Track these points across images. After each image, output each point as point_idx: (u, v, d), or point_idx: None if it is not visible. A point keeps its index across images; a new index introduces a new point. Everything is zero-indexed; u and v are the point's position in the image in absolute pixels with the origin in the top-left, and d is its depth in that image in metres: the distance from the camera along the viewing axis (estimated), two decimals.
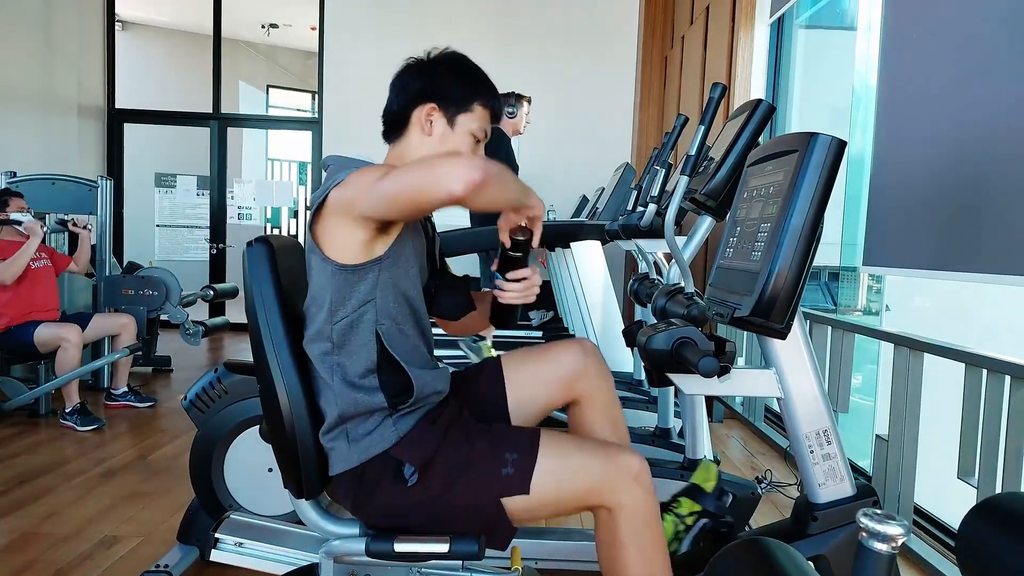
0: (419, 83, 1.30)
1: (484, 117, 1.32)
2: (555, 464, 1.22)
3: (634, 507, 1.20)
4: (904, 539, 0.54)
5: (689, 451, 1.98)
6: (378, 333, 1.22)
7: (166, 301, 4.12)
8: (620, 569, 1.21)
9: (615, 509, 1.20)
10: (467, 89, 1.30)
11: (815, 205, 1.08)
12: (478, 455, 1.23)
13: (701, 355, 1.07)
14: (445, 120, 1.29)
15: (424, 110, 1.29)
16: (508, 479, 1.20)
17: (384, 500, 1.22)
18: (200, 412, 1.99)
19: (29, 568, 1.93)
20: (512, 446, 1.23)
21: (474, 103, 1.30)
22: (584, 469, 1.22)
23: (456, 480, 1.21)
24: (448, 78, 1.30)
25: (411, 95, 1.30)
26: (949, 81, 1.86)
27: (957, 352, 1.93)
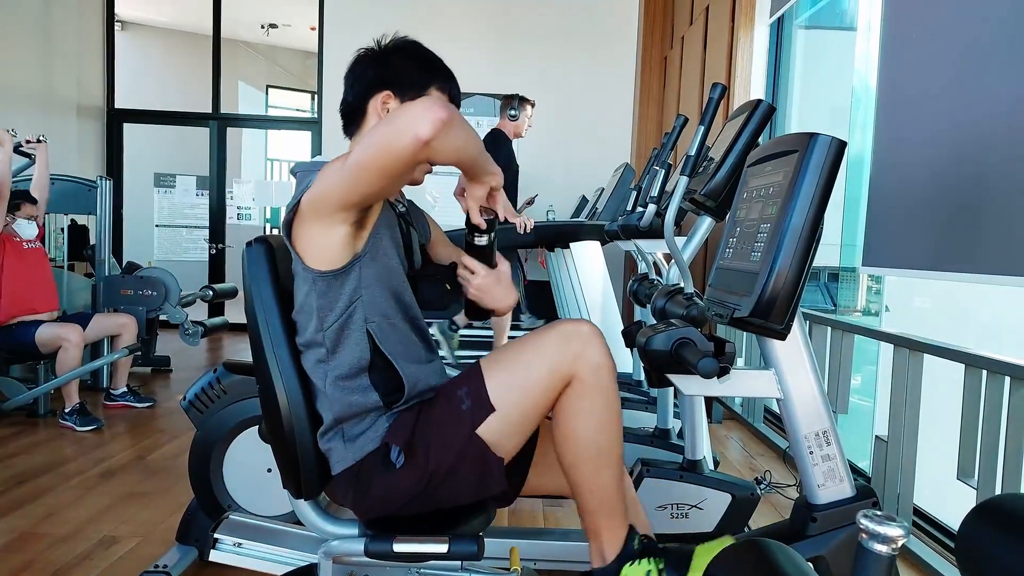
0: (373, 72, 1.29)
1: (440, 95, 1.32)
2: (506, 370, 1.23)
3: (588, 369, 1.20)
4: (904, 540, 0.54)
5: (688, 452, 1.97)
6: (369, 332, 1.22)
7: (165, 301, 4.11)
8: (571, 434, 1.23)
9: (573, 379, 1.21)
10: (423, 75, 1.29)
11: (815, 205, 1.08)
12: (440, 412, 1.23)
13: (700, 356, 1.07)
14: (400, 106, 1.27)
15: (380, 98, 1.28)
16: (470, 410, 1.20)
17: (379, 491, 1.22)
18: (199, 412, 1.99)
19: (28, 568, 1.93)
20: (460, 383, 1.25)
21: (430, 87, 1.30)
22: (534, 355, 1.22)
23: (432, 443, 1.21)
24: (403, 65, 1.29)
25: (365, 85, 1.29)
26: (949, 81, 1.86)
27: (957, 353, 1.93)
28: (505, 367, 1.24)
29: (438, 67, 1.32)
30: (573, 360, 1.21)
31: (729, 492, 1.90)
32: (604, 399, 1.23)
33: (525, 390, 1.22)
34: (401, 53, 1.31)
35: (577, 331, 1.23)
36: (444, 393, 1.27)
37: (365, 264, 1.21)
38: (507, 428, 1.22)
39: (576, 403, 1.22)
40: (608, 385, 1.24)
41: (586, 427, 1.23)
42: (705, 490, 1.90)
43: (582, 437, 1.23)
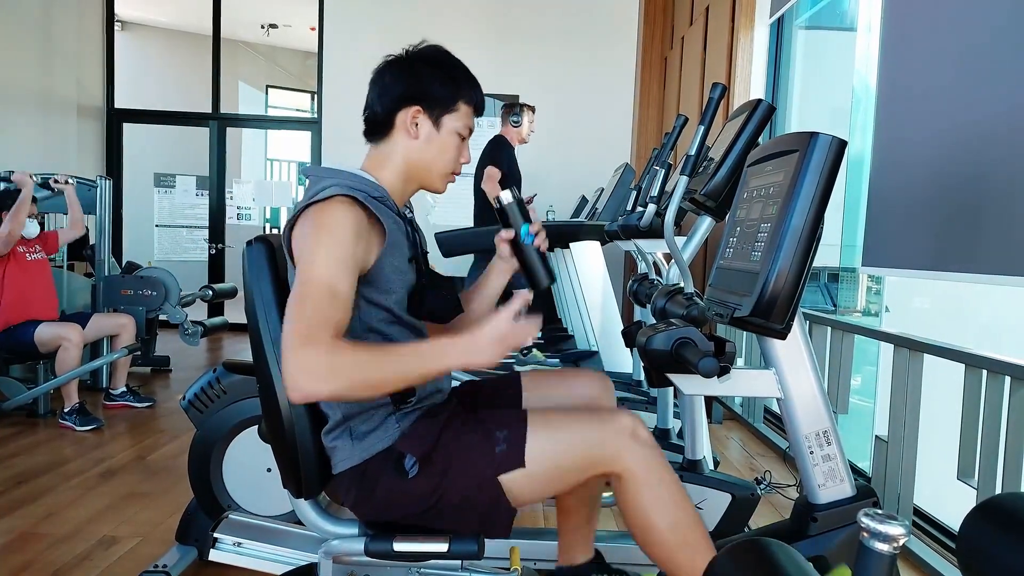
0: (402, 85, 1.28)
1: (468, 114, 1.32)
2: (548, 435, 1.22)
3: (640, 466, 1.19)
4: (905, 539, 0.54)
5: (688, 452, 1.97)
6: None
7: (165, 301, 4.12)
8: (649, 528, 1.21)
9: (623, 474, 1.20)
10: (451, 88, 1.29)
11: (815, 205, 1.08)
12: (472, 440, 1.23)
13: (701, 355, 1.07)
14: (431, 122, 1.29)
15: (409, 113, 1.28)
16: (502, 455, 1.20)
17: (385, 494, 1.21)
18: (199, 412, 1.99)
19: (27, 568, 1.92)
20: (502, 424, 1.24)
21: (458, 101, 1.30)
22: (577, 435, 1.22)
23: (453, 466, 1.21)
24: (431, 78, 1.28)
25: (395, 98, 1.28)
26: (948, 81, 1.86)
27: (957, 353, 1.92)
28: (550, 431, 1.23)
29: (465, 78, 1.32)
30: (614, 454, 1.20)
31: (729, 492, 1.90)
32: (667, 488, 1.21)
33: (558, 461, 1.21)
34: (429, 64, 1.30)
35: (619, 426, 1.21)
36: (483, 424, 1.26)
37: (362, 285, 1.19)
38: (528, 486, 1.22)
39: (640, 498, 1.20)
40: (665, 475, 1.22)
41: (662, 519, 1.20)
42: (705, 490, 1.90)
43: (664, 529, 1.20)
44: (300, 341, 1.01)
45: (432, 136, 1.29)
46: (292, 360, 1.00)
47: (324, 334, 1.02)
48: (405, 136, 1.29)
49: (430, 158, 1.30)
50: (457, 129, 1.30)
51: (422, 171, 1.31)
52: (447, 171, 1.33)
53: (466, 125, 1.31)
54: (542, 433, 1.22)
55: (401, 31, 6.10)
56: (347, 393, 1.05)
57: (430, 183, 1.34)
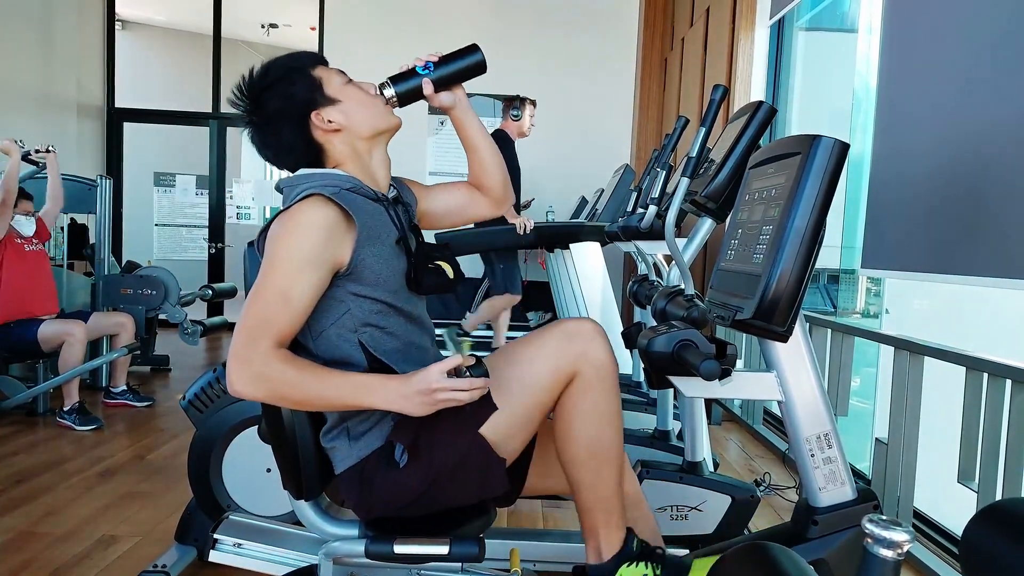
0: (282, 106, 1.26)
1: (329, 71, 1.30)
2: (507, 370, 1.23)
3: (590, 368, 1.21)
4: (910, 545, 0.54)
5: (688, 453, 1.97)
6: (360, 342, 1.21)
7: (165, 300, 4.11)
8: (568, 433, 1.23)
9: (575, 377, 1.21)
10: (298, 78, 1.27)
11: (817, 208, 1.08)
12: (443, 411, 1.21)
13: (702, 358, 1.07)
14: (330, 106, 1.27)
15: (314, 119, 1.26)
16: (473, 409, 1.19)
17: (384, 490, 1.21)
18: (199, 412, 1.99)
19: (27, 567, 1.92)
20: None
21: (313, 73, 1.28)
22: (538, 354, 1.23)
23: (436, 442, 1.20)
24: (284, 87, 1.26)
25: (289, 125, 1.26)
26: (948, 84, 1.86)
27: (958, 356, 1.92)
28: (508, 365, 1.24)
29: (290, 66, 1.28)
30: (575, 358, 1.21)
31: (729, 494, 1.90)
32: (606, 397, 1.24)
33: (527, 388, 1.22)
34: (266, 88, 1.27)
35: (580, 329, 1.23)
36: None
37: (347, 282, 1.19)
38: (510, 426, 1.22)
39: (578, 400, 1.22)
40: (610, 383, 1.24)
41: (586, 424, 1.23)
42: (705, 492, 1.90)
43: (583, 434, 1.23)
44: (242, 342, 1.08)
45: (346, 112, 1.27)
46: (231, 358, 1.08)
47: (264, 341, 1.09)
48: (331, 133, 1.27)
49: (359, 125, 1.28)
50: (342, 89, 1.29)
51: (366, 130, 1.29)
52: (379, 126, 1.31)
53: (340, 78, 1.30)
54: (500, 370, 1.22)
55: (401, 32, 6.13)
56: (272, 400, 1.13)
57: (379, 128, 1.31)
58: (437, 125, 5.91)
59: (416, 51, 1.36)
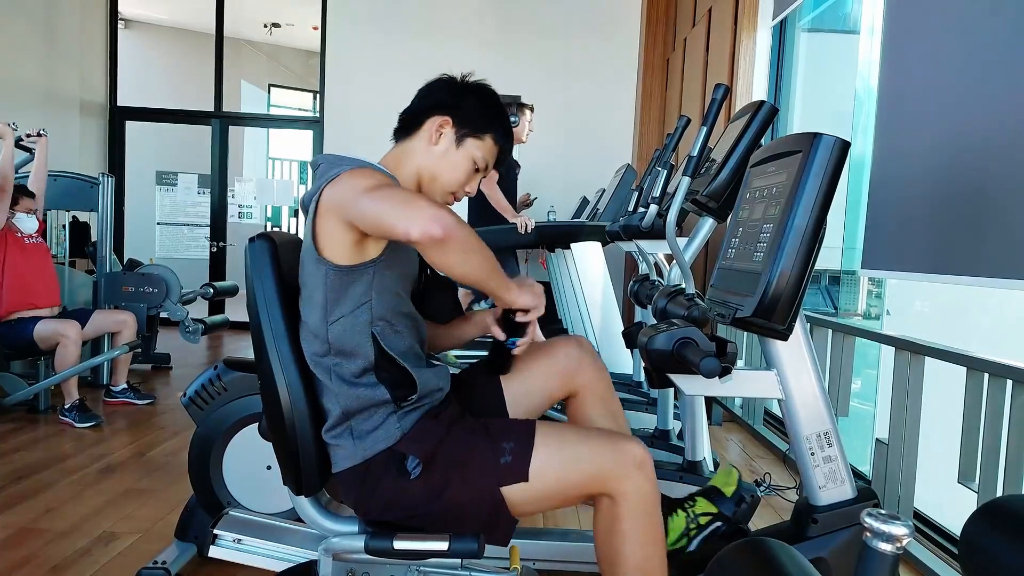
0: (444, 94, 1.32)
1: (492, 151, 1.34)
2: (554, 451, 1.22)
3: (637, 496, 1.19)
4: (908, 540, 0.54)
5: (689, 453, 1.98)
6: (373, 334, 1.22)
7: (166, 298, 4.11)
8: (617, 557, 1.21)
9: (617, 497, 1.20)
10: (487, 118, 1.32)
11: (818, 206, 1.08)
12: (477, 448, 1.23)
13: (702, 356, 1.07)
14: (455, 136, 1.31)
15: (438, 120, 1.30)
16: (506, 467, 1.20)
17: (387, 495, 1.21)
18: (199, 409, 1.99)
19: (27, 563, 1.92)
20: (509, 436, 1.24)
21: (488, 133, 1.32)
22: (585, 456, 1.22)
23: (456, 473, 1.21)
24: (473, 102, 1.32)
25: (432, 102, 1.32)
26: (949, 85, 1.86)
27: (958, 356, 1.92)
28: (557, 448, 1.23)
29: (501, 119, 1.35)
30: (619, 479, 1.20)
31: (748, 497, 1.89)
32: (651, 527, 1.22)
33: (562, 479, 1.22)
34: (477, 92, 1.34)
35: (631, 453, 1.22)
36: (490, 432, 1.26)
37: (380, 270, 1.21)
38: (528, 500, 1.22)
39: (621, 526, 1.20)
40: (655, 513, 1.23)
41: (633, 554, 1.20)
42: None
43: (629, 563, 1.21)
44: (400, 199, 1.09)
45: (450, 151, 1.31)
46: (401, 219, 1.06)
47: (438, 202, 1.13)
48: (426, 140, 1.31)
49: (440, 170, 1.32)
50: (475, 156, 1.32)
51: (428, 180, 1.33)
52: (449, 189, 1.34)
53: (484, 157, 1.33)
54: (549, 448, 1.22)
55: (403, 32, 6.13)
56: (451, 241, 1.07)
57: (430, 195, 1.34)
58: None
59: (417, 51, 1.38)
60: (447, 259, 1.09)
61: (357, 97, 5.92)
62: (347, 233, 1.17)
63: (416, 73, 1.52)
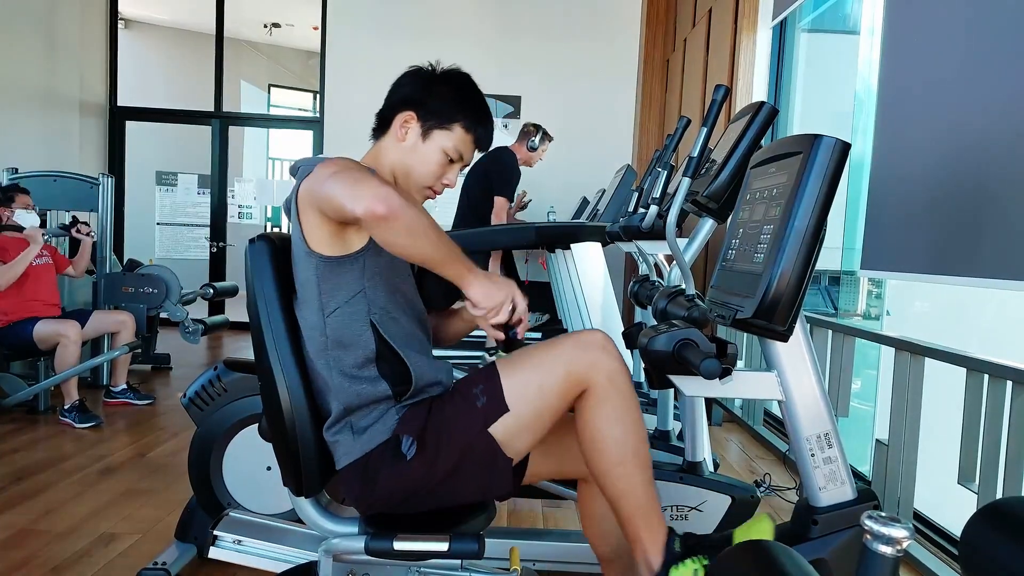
0: (408, 89, 1.33)
1: (463, 140, 1.33)
2: (520, 373, 1.24)
3: (606, 376, 1.22)
4: (909, 542, 0.54)
5: (689, 453, 1.97)
6: (372, 323, 1.23)
7: (166, 299, 4.11)
8: (596, 435, 1.23)
9: (591, 386, 1.22)
10: (452, 107, 1.32)
11: (819, 207, 1.08)
12: (454, 406, 1.25)
13: (703, 357, 1.07)
14: (420, 130, 1.31)
15: (404, 115, 1.31)
16: (485, 408, 1.22)
17: (387, 483, 1.22)
18: (199, 410, 1.99)
19: (27, 564, 1.92)
20: (475, 381, 1.26)
21: (455, 123, 1.32)
22: (550, 361, 1.24)
23: (444, 437, 1.22)
24: (438, 92, 1.32)
25: (398, 98, 1.33)
26: (949, 86, 1.86)
27: (958, 357, 1.92)
28: (522, 369, 1.25)
29: (473, 106, 1.34)
30: (587, 367, 1.22)
31: (729, 494, 1.89)
32: (624, 402, 1.24)
33: (540, 392, 1.23)
34: (443, 81, 1.34)
35: (591, 340, 1.25)
36: (459, 389, 1.28)
37: (370, 257, 1.22)
38: (519, 428, 1.23)
39: (597, 410, 1.23)
40: (625, 388, 1.24)
41: (611, 431, 1.23)
42: (705, 492, 1.90)
43: (609, 441, 1.23)
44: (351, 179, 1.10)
45: (417, 145, 1.32)
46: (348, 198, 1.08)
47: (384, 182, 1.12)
48: (394, 138, 1.33)
49: (411, 165, 1.33)
50: (444, 147, 1.32)
51: (402, 176, 1.34)
52: (424, 183, 1.35)
53: (456, 147, 1.33)
54: (515, 373, 1.24)
55: (403, 32, 6.13)
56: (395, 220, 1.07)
57: (406, 191, 1.35)
58: None
59: (417, 52, 1.38)
60: (393, 239, 1.09)
61: (357, 97, 5.91)
62: (325, 222, 1.18)
63: None
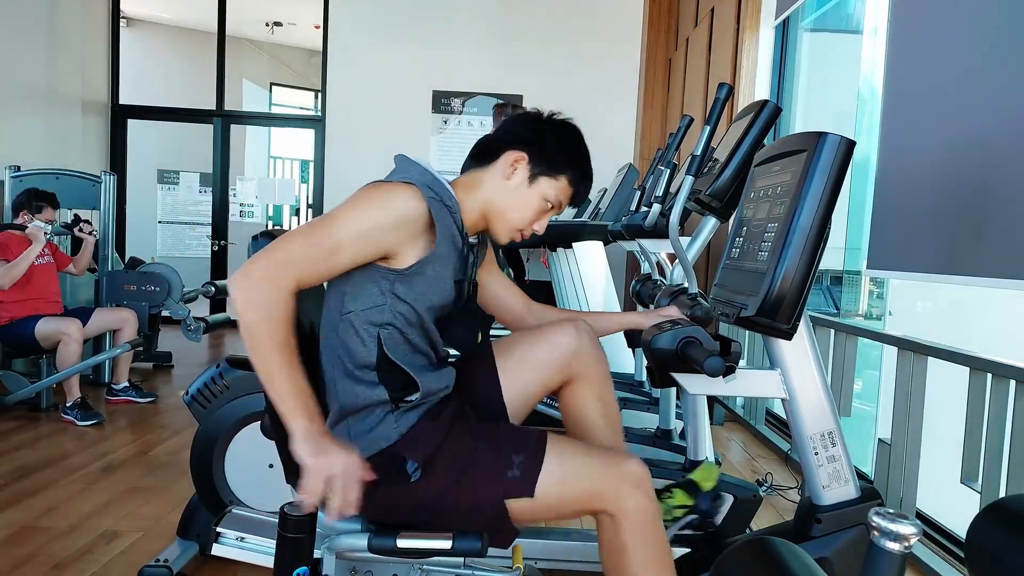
0: (526, 130, 1.31)
1: (565, 191, 1.32)
2: (559, 468, 1.22)
3: (637, 513, 1.19)
4: (916, 538, 0.54)
5: (691, 452, 1.97)
6: (379, 336, 1.22)
7: (168, 297, 4.11)
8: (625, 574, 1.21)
9: (618, 515, 1.20)
10: (564, 157, 1.31)
11: (823, 205, 1.08)
12: (483, 455, 1.23)
13: (707, 355, 1.07)
14: (528, 173, 1.30)
15: (515, 155, 1.29)
16: (513, 481, 1.20)
17: (386, 498, 1.21)
18: (201, 407, 1.99)
19: (29, 561, 1.93)
20: (518, 448, 1.23)
21: (564, 174, 1.31)
22: (588, 474, 1.22)
23: (459, 479, 1.21)
24: (553, 139, 1.31)
25: (512, 136, 1.31)
26: (954, 86, 1.86)
27: (961, 356, 1.92)
28: (566, 465, 1.23)
29: (580, 159, 1.33)
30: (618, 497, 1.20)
31: (731, 493, 1.89)
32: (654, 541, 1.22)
33: (563, 495, 1.22)
34: (559, 131, 1.33)
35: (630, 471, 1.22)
36: (500, 440, 1.26)
37: (404, 280, 1.21)
38: (533, 512, 1.22)
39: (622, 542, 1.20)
40: (654, 529, 1.22)
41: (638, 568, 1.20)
42: None
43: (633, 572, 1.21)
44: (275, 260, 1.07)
45: (522, 187, 1.30)
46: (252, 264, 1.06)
47: (292, 275, 1.08)
48: (500, 173, 1.30)
49: (508, 206, 1.31)
50: (547, 195, 1.31)
51: (495, 214, 1.32)
52: (516, 226, 1.33)
53: (557, 197, 1.32)
54: (555, 466, 1.22)
55: (405, 30, 6.13)
56: (246, 328, 1.06)
57: (496, 229, 1.34)
58: (441, 124, 5.91)
59: (418, 50, 1.37)
60: (249, 344, 1.07)
61: (359, 96, 5.92)
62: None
63: (418, 72, 1.52)
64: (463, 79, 5.86)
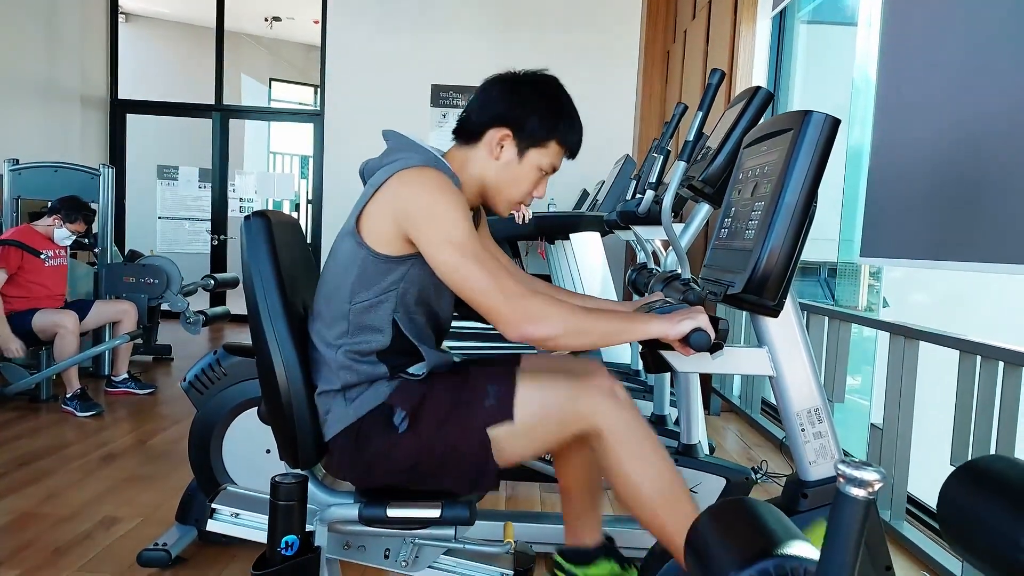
0: (503, 105, 1.29)
1: (558, 153, 1.33)
2: (533, 390, 1.25)
3: (618, 423, 1.22)
4: (881, 485, 0.56)
5: (684, 436, 1.99)
6: (395, 320, 1.25)
7: (167, 289, 4.13)
8: (630, 481, 1.23)
9: (603, 430, 1.22)
10: (549, 124, 1.30)
11: (809, 183, 1.09)
12: (461, 393, 1.25)
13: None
14: (516, 150, 1.30)
15: (498, 134, 1.29)
16: (491, 409, 1.22)
17: (376, 452, 1.23)
18: (199, 393, 2.01)
19: (30, 546, 1.95)
20: (491, 379, 1.26)
21: (551, 140, 1.31)
22: (558, 392, 1.25)
23: (444, 421, 1.23)
24: (532, 107, 1.29)
25: (492, 115, 1.30)
26: (947, 75, 1.87)
27: (951, 339, 1.94)
28: (538, 386, 1.25)
29: (565, 117, 1.32)
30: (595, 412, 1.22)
31: (724, 476, 1.91)
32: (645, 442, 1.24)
33: (543, 417, 1.24)
34: (535, 92, 1.31)
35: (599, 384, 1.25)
36: (472, 378, 1.28)
37: (417, 264, 1.23)
38: (514, 440, 1.24)
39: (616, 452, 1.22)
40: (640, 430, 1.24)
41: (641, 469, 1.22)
42: (700, 474, 1.91)
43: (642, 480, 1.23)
44: (506, 306, 1.14)
45: (512, 163, 1.30)
46: (512, 319, 1.14)
47: (518, 293, 1.15)
48: (487, 153, 1.30)
49: (503, 183, 1.32)
50: (540, 164, 1.31)
51: (491, 191, 1.33)
52: (515, 200, 1.34)
53: (551, 163, 1.33)
54: (529, 389, 1.24)
55: (404, 25, 6.13)
56: (567, 343, 1.15)
57: (494, 205, 1.35)
58: (440, 118, 5.92)
59: (417, 44, 1.38)
60: (564, 347, 1.15)
61: (358, 91, 5.93)
62: (399, 236, 1.20)
63: (417, 66, 1.53)
64: (462, 73, 5.86)
